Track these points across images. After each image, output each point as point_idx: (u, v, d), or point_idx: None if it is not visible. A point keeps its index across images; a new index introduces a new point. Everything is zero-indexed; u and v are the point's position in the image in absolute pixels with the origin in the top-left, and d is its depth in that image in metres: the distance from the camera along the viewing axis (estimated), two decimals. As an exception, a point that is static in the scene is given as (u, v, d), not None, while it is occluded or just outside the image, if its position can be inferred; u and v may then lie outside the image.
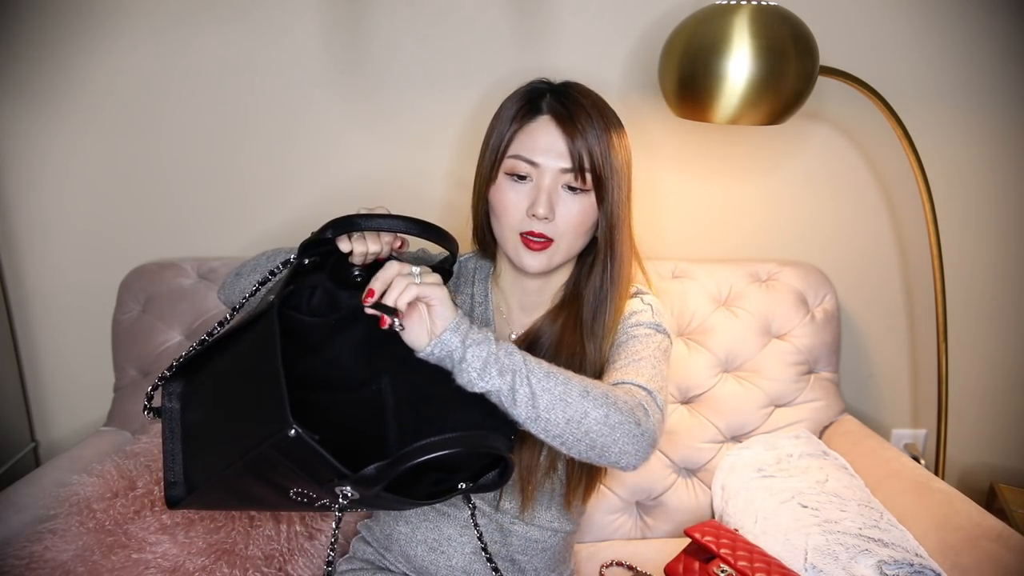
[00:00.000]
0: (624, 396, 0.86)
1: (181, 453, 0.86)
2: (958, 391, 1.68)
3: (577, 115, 0.95)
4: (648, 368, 0.95)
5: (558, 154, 0.95)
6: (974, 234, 1.65)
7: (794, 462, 1.36)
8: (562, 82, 1.02)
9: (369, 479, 0.76)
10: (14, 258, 1.57)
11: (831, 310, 1.51)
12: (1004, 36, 1.52)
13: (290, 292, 0.89)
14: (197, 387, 0.88)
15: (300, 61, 1.48)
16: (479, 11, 1.47)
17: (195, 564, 1.07)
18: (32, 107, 1.48)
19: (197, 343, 0.88)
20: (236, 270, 1.08)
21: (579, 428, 0.82)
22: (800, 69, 1.21)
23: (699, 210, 1.62)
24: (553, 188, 0.96)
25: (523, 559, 1.09)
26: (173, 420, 0.87)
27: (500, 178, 0.98)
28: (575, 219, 0.97)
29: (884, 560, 1.08)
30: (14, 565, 1.07)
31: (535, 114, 0.97)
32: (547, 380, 0.82)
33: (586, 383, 0.84)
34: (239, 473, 0.78)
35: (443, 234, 0.88)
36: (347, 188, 1.57)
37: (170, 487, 0.85)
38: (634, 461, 0.86)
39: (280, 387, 0.73)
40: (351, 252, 0.89)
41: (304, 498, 0.82)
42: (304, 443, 0.72)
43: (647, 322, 1.02)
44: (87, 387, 1.63)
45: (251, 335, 0.82)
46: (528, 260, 0.98)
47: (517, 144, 0.97)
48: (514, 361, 0.82)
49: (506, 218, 0.98)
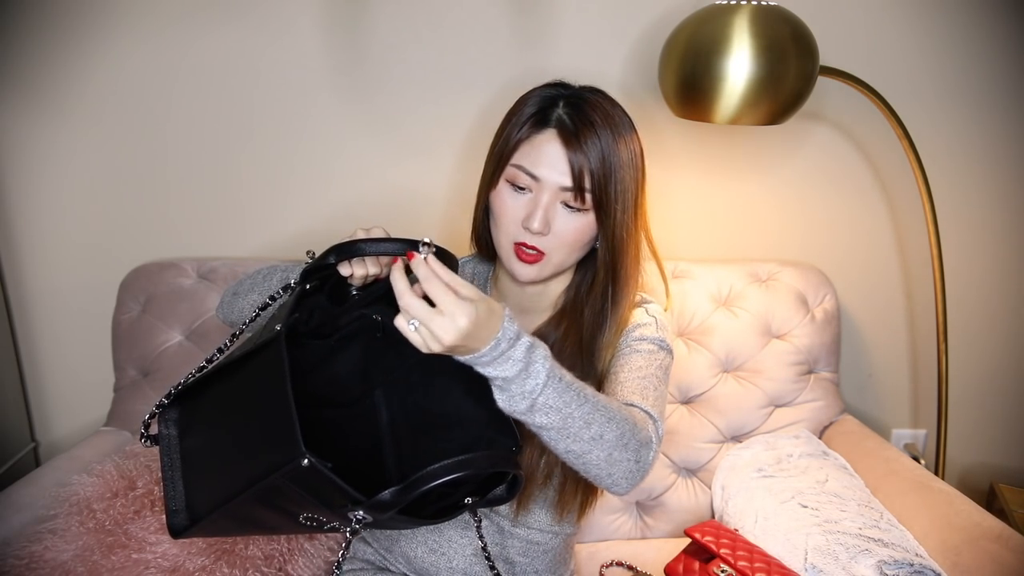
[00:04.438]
0: (636, 431, 0.84)
1: (181, 480, 0.84)
2: (958, 391, 1.68)
3: (584, 134, 0.93)
4: (652, 391, 0.95)
5: (560, 171, 0.93)
6: (974, 234, 1.65)
7: (794, 462, 1.36)
8: (579, 88, 0.99)
9: (384, 504, 0.75)
10: (14, 258, 1.57)
11: (831, 310, 1.51)
12: (1003, 36, 1.52)
13: (295, 319, 0.88)
14: (196, 413, 0.86)
15: (300, 61, 1.48)
16: (479, 11, 1.47)
17: (195, 564, 1.07)
18: (33, 107, 1.48)
19: (196, 370, 0.86)
20: (233, 288, 1.07)
21: (578, 460, 0.83)
22: (800, 69, 1.21)
23: (699, 210, 1.62)
24: (551, 203, 0.94)
25: (523, 561, 1.09)
26: (171, 447, 0.85)
27: (501, 184, 0.97)
28: (570, 236, 0.96)
29: (884, 560, 1.08)
30: (14, 565, 1.07)
31: (542, 126, 0.95)
32: (569, 409, 0.78)
33: (605, 417, 0.81)
34: (247, 502, 0.77)
35: (443, 254, 0.88)
36: (347, 188, 1.57)
37: (172, 515, 0.83)
38: (623, 491, 0.87)
39: (291, 416, 0.71)
40: (351, 275, 0.89)
41: (314, 522, 0.81)
42: (318, 471, 0.70)
43: (651, 337, 1.01)
44: (87, 387, 1.63)
45: (256, 362, 0.80)
46: (519, 269, 0.98)
47: (521, 154, 0.95)
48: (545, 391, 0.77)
49: (503, 225, 0.97)
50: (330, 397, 0.97)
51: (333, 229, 1.57)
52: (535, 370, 0.75)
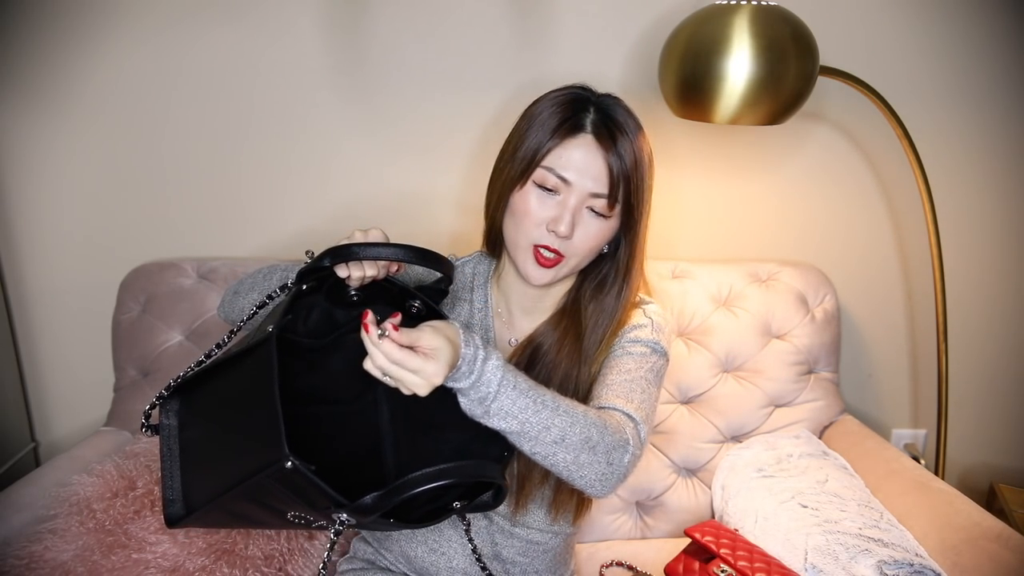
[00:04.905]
0: (606, 434, 0.85)
1: (179, 471, 0.86)
2: (958, 391, 1.68)
3: (621, 141, 0.93)
4: (639, 393, 0.95)
5: (593, 177, 0.94)
6: (974, 234, 1.65)
7: (794, 462, 1.36)
8: (605, 94, 0.99)
9: (366, 508, 0.76)
10: (14, 258, 1.57)
11: (831, 310, 1.51)
12: (1003, 36, 1.52)
13: (288, 320, 0.89)
14: (195, 405, 0.87)
15: (300, 62, 1.48)
16: (479, 11, 1.47)
17: (195, 564, 1.07)
18: (33, 107, 1.48)
19: (195, 363, 0.88)
20: (234, 288, 1.07)
21: (545, 462, 0.85)
22: (800, 69, 1.21)
23: (699, 210, 1.62)
24: (578, 208, 0.95)
25: (524, 561, 1.09)
26: (171, 437, 0.87)
27: (528, 185, 0.96)
28: (592, 242, 0.97)
29: (884, 560, 1.08)
30: (14, 565, 1.07)
31: (577, 131, 0.94)
32: (525, 415, 0.81)
33: (567, 422, 0.83)
34: (236, 498, 0.78)
35: (438, 259, 0.88)
36: (347, 188, 1.57)
37: (168, 504, 0.85)
38: (599, 493, 0.88)
39: (277, 419, 0.73)
40: (348, 276, 0.89)
41: (302, 520, 0.82)
42: (301, 474, 0.72)
43: (646, 339, 1.01)
44: (87, 387, 1.63)
45: (249, 361, 0.81)
46: (534, 272, 0.98)
47: (553, 157, 0.95)
48: (500, 398, 0.81)
49: (525, 226, 0.97)
50: (332, 394, 0.98)
51: (333, 229, 1.57)
52: (487, 379, 0.79)
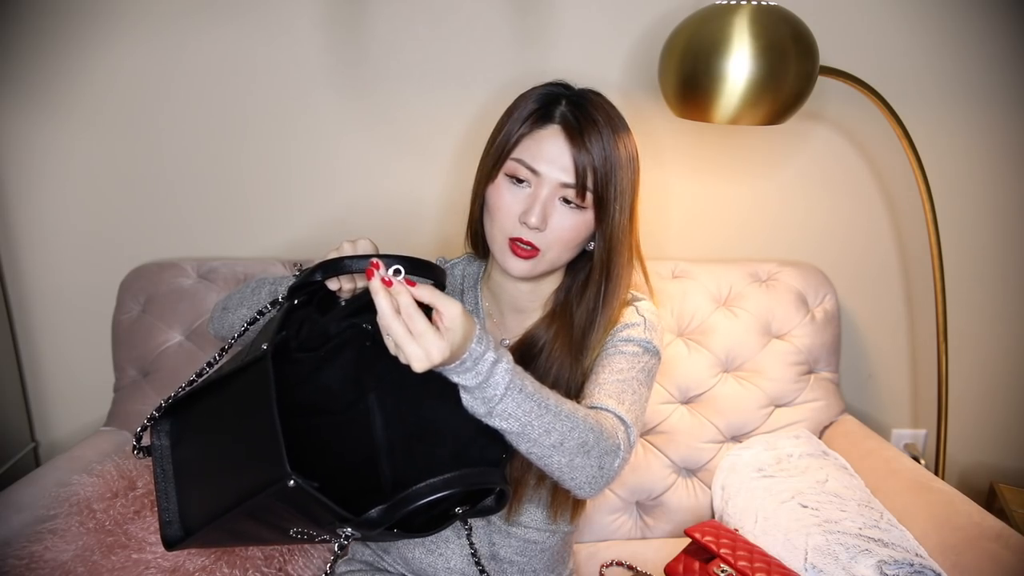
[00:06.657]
0: (601, 440, 0.85)
1: (175, 491, 0.84)
2: (958, 391, 1.68)
3: (588, 131, 0.93)
4: (630, 395, 0.95)
5: (561, 167, 0.93)
6: (974, 234, 1.65)
7: (794, 462, 1.36)
8: (581, 89, 0.99)
9: (372, 522, 0.76)
10: (14, 258, 1.57)
11: (831, 310, 1.51)
12: (1004, 36, 1.53)
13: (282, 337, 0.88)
14: (188, 424, 0.86)
15: (299, 61, 1.48)
16: (479, 11, 1.47)
17: (195, 564, 1.07)
18: (32, 107, 1.48)
19: (186, 383, 0.87)
20: (223, 303, 1.07)
21: (539, 462, 0.85)
22: (800, 69, 1.21)
23: (699, 210, 1.62)
24: (550, 199, 0.94)
25: (521, 560, 1.09)
26: (164, 458, 0.86)
27: (499, 178, 0.97)
28: (566, 233, 0.96)
29: (884, 560, 1.08)
30: (14, 565, 1.07)
31: (546, 121, 0.95)
32: (528, 418, 0.81)
33: (568, 427, 0.83)
34: (237, 518, 0.77)
35: (430, 267, 0.88)
36: (347, 187, 1.57)
37: (166, 526, 0.83)
38: (586, 495, 0.89)
39: (277, 437, 0.72)
40: (340, 288, 0.89)
41: (304, 535, 0.82)
42: (304, 491, 0.71)
43: (638, 338, 1.00)
44: (87, 387, 1.63)
45: (243, 380, 0.80)
46: (511, 264, 0.97)
47: (522, 148, 0.95)
48: (506, 398, 0.80)
49: (498, 219, 0.97)
50: (324, 405, 0.97)
51: (333, 228, 1.57)
52: (495, 381, 0.78)
